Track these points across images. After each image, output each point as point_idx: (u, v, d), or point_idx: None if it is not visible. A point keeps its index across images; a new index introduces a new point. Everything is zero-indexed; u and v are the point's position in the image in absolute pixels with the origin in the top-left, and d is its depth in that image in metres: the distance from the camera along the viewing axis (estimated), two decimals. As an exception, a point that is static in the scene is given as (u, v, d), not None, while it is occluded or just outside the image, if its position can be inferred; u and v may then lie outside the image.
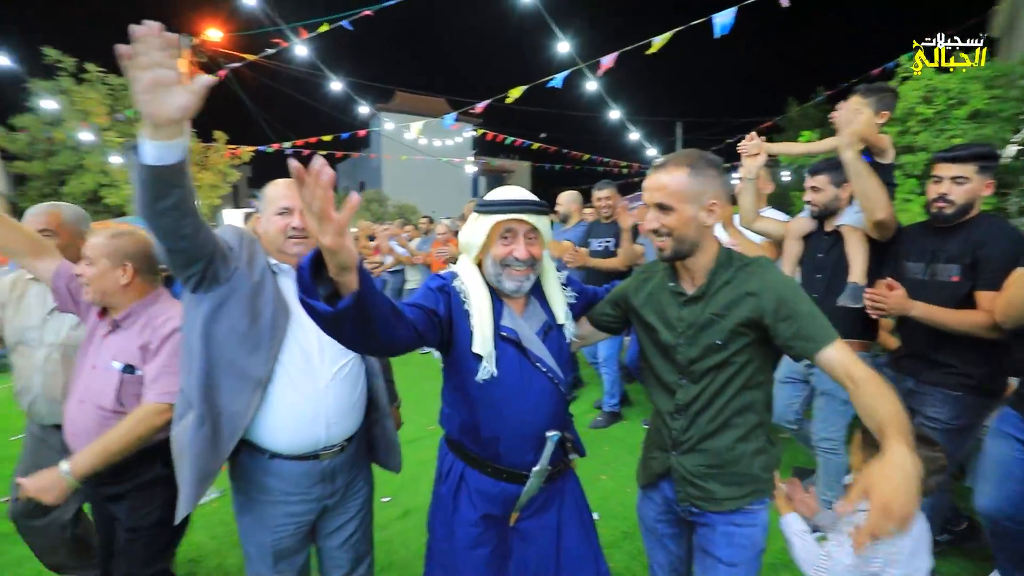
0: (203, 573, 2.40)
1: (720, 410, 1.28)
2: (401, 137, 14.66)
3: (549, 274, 1.45)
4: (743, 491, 1.29)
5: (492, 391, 1.30)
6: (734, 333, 1.23)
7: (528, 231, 1.31)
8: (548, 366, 1.35)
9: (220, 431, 1.37)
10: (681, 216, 1.23)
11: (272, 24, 7.99)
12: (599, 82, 7.51)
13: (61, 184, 13.99)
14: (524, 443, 1.33)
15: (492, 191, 1.36)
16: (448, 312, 1.30)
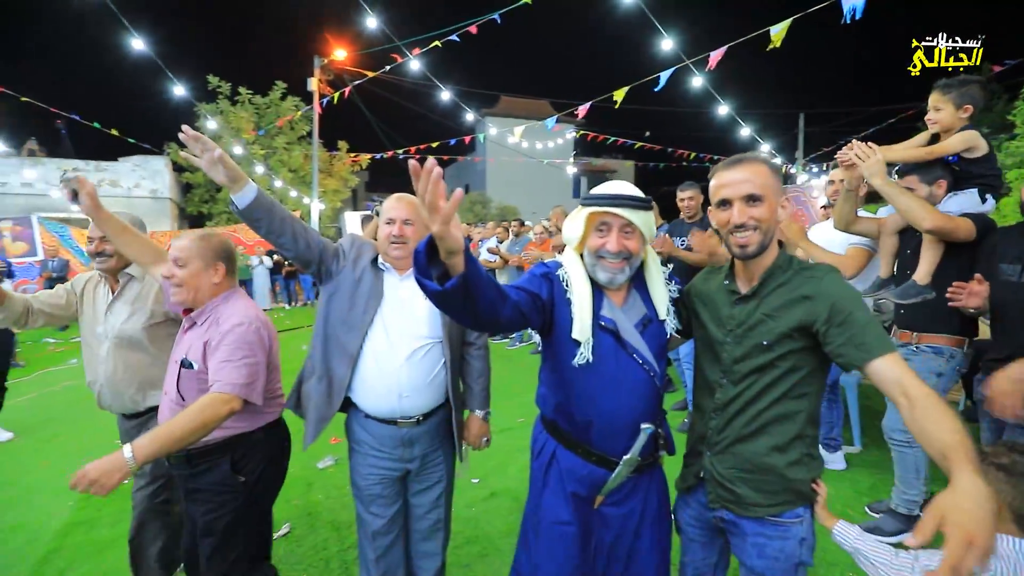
0: (319, 525, 2.75)
1: (757, 415, 1.25)
2: (504, 141, 15.09)
3: (653, 269, 1.46)
4: (775, 499, 1.25)
5: (588, 377, 1.34)
6: (783, 336, 1.21)
7: (623, 225, 1.33)
8: (644, 358, 1.37)
9: (332, 388, 1.74)
10: (771, 206, 1.23)
11: (388, 42, 8.67)
12: (704, 77, 7.17)
13: (217, 191, 16.28)
14: (616, 431, 1.36)
15: (600, 186, 1.40)
16: (551, 297, 1.36)
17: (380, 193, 31.80)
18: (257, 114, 16.16)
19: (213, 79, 15.60)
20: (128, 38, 7.95)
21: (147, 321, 2.00)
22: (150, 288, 2.05)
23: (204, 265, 1.69)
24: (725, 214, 1.26)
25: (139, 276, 2.04)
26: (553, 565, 1.41)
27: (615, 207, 1.31)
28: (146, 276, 2.04)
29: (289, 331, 9.09)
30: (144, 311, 2.01)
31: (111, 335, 1.99)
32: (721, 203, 1.27)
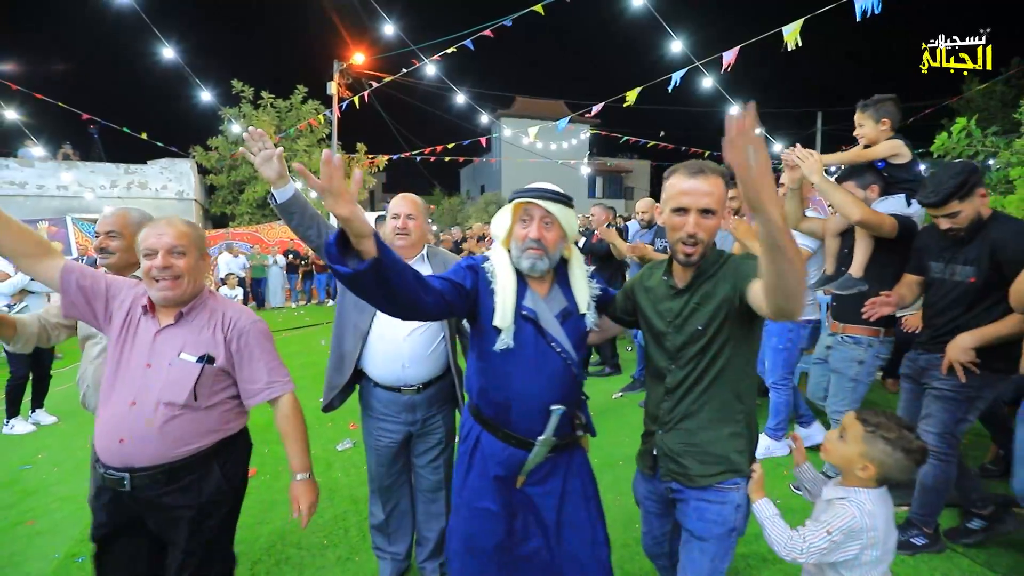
0: (339, 499, 2.99)
1: (701, 393, 1.37)
2: (519, 142, 15.26)
3: (575, 266, 1.58)
4: (715, 469, 1.36)
5: (508, 362, 1.45)
6: (712, 317, 1.33)
7: (543, 215, 1.44)
8: (563, 346, 1.47)
9: (343, 361, 2.03)
10: (719, 220, 1.34)
11: (405, 46, 8.91)
12: (714, 78, 7.25)
13: (240, 192, 16.75)
14: (532, 413, 1.46)
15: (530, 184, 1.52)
16: (475, 287, 1.47)
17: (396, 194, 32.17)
18: (279, 117, 16.59)
19: (237, 84, 16.08)
20: (156, 46, 8.33)
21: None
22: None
23: (200, 255, 1.58)
24: (680, 219, 1.32)
25: None
26: (477, 542, 1.53)
27: (537, 198, 1.43)
28: None
29: (308, 327, 9.41)
30: None
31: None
32: (678, 209, 1.32)
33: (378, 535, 2.20)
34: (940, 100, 13.71)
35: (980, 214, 2.10)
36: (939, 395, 2.19)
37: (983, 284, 2.09)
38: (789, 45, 5.35)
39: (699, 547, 1.38)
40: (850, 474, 1.33)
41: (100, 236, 1.89)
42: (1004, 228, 2.07)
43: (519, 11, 6.80)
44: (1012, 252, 1.99)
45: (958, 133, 5.14)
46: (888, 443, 1.27)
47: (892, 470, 1.28)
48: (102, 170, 15.01)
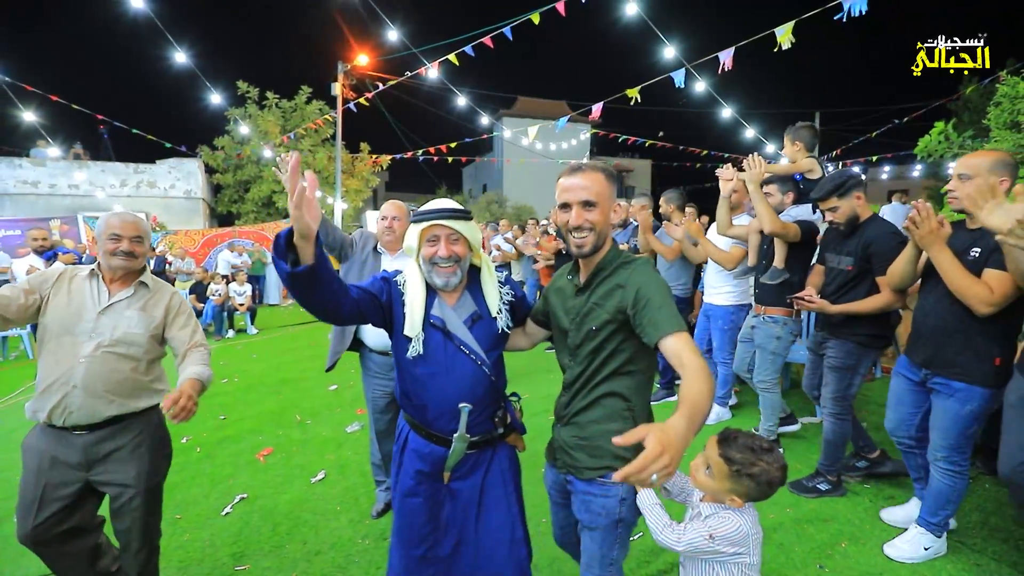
0: (350, 474, 3.28)
1: (592, 389, 1.44)
2: (520, 141, 15.49)
3: (486, 273, 1.67)
4: (601, 463, 1.42)
5: (420, 367, 1.54)
6: (606, 322, 1.38)
7: (449, 234, 1.52)
8: (472, 349, 1.55)
9: (343, 333, 2.60)
10: (604, 211, 1.39)
11: (409, 48, 9.16)
12: (709, 81, 7.49)
13: (246, 191, 17.03)
14: (446, 412, 1.55)
15: (426, 204, 1.59)
16: (388, 299, 1.56)
17: (399, 193, 32.49)
18: (283, 118, 16.86)
19: (242, 84, 16.35)
20: (165, 49, 8.60)
21: (152, 329, 1.94)
22: (160, 296, 2.01)
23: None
24: (565, 216, 1.41)
25: (152, 287, 2.00)
26: (405, 534, 1.62)
27: (441, 219, 1.51)
28: (157, 285, 2.03)
29: (313, 323, 9.69)
30: (152, 320, 1.95)
31: (106, 337, 1.83)
32: (562, 206, 1.42)
33: (377, 470, 2.77)
34: (935, 101, 13.91)
35: (857, 213, 2.62)
36: (831, 365, 2.73)
37: (857, 271, 2.60)
38: (783, 44, 5.54)
39: (589, 535, 1.47)
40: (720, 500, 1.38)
41: (125, 239, 1.89)
42: (875, 228, 2.59)
43: (517, 16, 7.04)
44: (877, 246, 2.52)
45: (936, 136, 5.40)
46: (752, 479, 1.30)
47: (758, 497, 1.33)
48: (112, 169, 15.33)
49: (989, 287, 1.95)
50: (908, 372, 2.34)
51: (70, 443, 1.81)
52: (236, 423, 4.24)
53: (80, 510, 1.87)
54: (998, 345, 2.04)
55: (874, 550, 2.35)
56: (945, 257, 2.01)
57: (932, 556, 2.26)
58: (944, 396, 2.15)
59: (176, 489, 3.10)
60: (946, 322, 2.12)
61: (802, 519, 2.60)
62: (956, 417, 2.12)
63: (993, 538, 2.40)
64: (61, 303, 1.84)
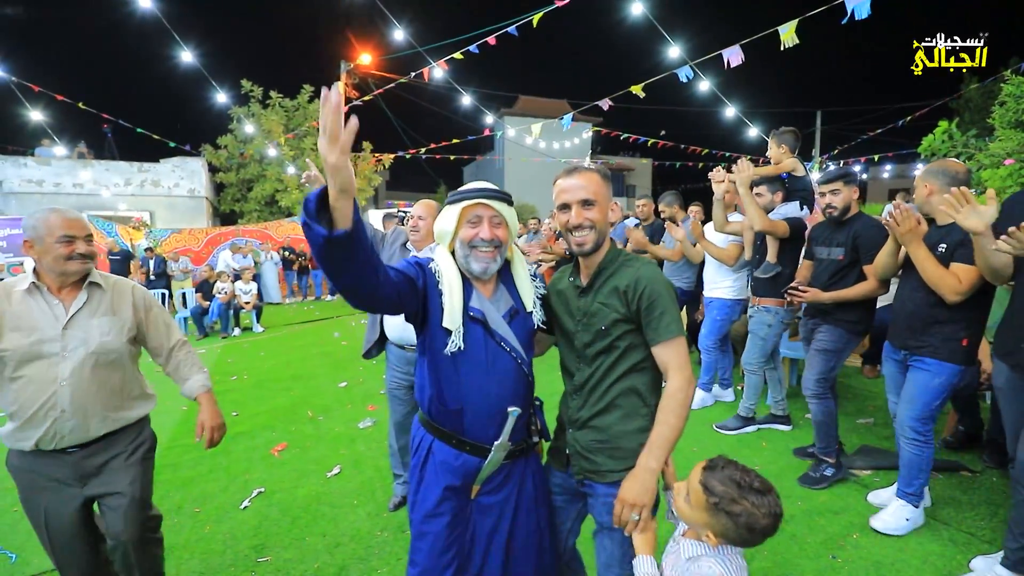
0: (364, 468, 3.32)
1: (607, 390, 1.42)
2: (523, 140, 15.51)
3: (518, 265, 1.57)
4: (625, 464, 1.38)
5: (459, 364, 1.41)
6: (615, 321, 1.39)
7: (492, 216, 1.42)
8: (512, 346, 1.44)
9: (374, 322, 2.74)
10: (602, 210, 1.41)
11: (411, 47, 9.19)
12: (712, 80, 7.51)
13: (249, 190, 17.08)
14: (487, 417, 1.42)
15: (465, 185, 1.48)
16: (424, 287, 1.42)
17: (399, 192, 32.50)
18: (287, 116, 16.90)
19: (246, 84, 16.38)
20: (169, 48, 8.63)
21: (127, 333, 1.79)
22: (122, 295, 1.83)
23: None
24: (565, 216, 1.42)
25: (105, 285, 1.80)
26: (426, 560, 1.43)
27: (486, 199, 1.41)
28: (113, 282, 1.84)
29: (320, 320, 9.73)
30: (123, 322, 1.79)
31: (81, 353, 1.68)
32: (561, 207, 1.43)
33: (394, 460, 2.82)
34: (936, 100, 13.94)
35: (851, 205, 2.88)
36: (820, 348, 2.93)
37: (848, 261, 2.84)
38: (786, 43, 5.54)
39: (609, 537, 1.43)
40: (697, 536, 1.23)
41: (77, 240, 1.72)
42: (863, 221, 2.86)
43: (519, 16, 7.07)
44: (865, 238, 2.78)
45: (940, 135, 5.44)
46: (730, 517, 1.12)
47: (738, 542, 1.15)
48: (117, 168, 15.36)
49: (958, 278, 2.20)
50: (893, 355, 2.62)
51: (61, 461, 1.71)
52: (249, 419, 4.29)
53: (90, 525, 1.81)
54: (965, 328, 2.30)
55: (886, 541, 2.39)
56: (921, 251, 2.28)
57: (912, 527, 2.45)
58: (917, 370, 2.42)
59: (194, 483, 3.15)
60: (920, 308, 2.38)
61: (813, 511, 2.65)
62: (925, 388, 2.37)
63: (1003, 530, 2.45)
64: (9, 327, 1.64)
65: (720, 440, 3.62)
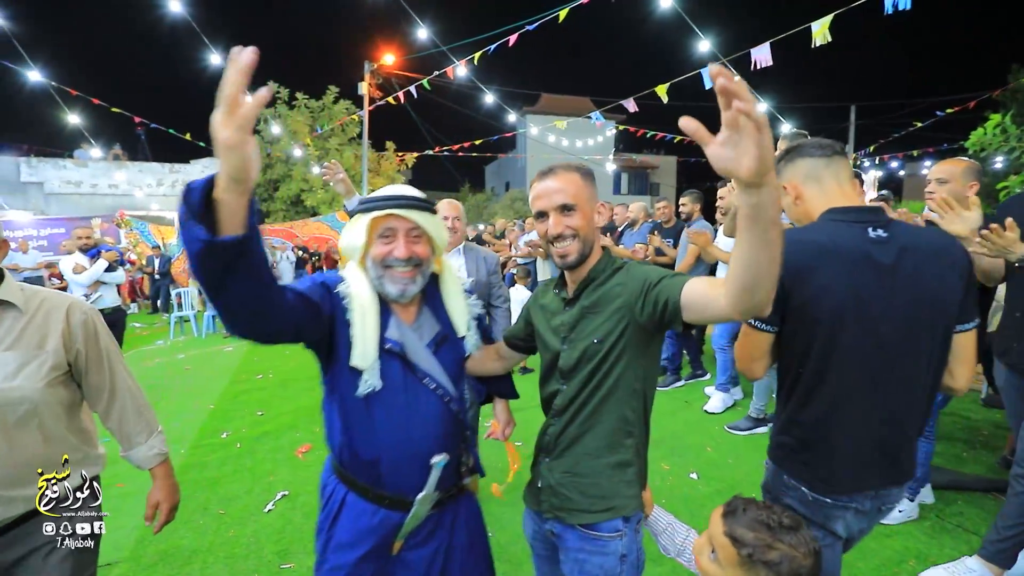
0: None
1: (592, 413, 1.22)
2: (545, 139, 15.40)
3: (449, 279, 1.37)
4: (598, 505, 1.20)
5: (373, 408, 1.20)
6: (609, 329, 1.18)
7: (410, 229, 1.22)
8: (438, 382, 1.25)
9: None
10: (585, 214, 1.21)
11: (433, 47, 9.17)
12: (739, 75, 7.28)
13: (275, 190, 17.38)
14: (407, 466, 1.22)
15: (380, 189, 1.27)
16: (331, 314, 1.19)
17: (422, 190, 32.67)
18: (312, 117, 17.14)
19: (273, 85, 16.67)
20: (199, 51, 8.78)
21: (49, 374, 1.24)
22: (50, 320, 1.27)
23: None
24: (543, 225, 1.23)
25: (24, 305, 1.25)
26: None
27: (400, 208, 1.19)
28: (40, 301, 1.28)
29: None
30: (43, 358, 1.24)
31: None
32: (538, 215, 1.24)
33: None
34: (982, 93, 13.30)
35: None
36: None
37: None
38: (818, 41, 5.37)
39: None
40: None
41: None
42: None
43: (544, 13, 6.97)
44: None
45: (992, 128, 5.13)
46: (770, 568, 0.95)
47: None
48: (149, 169, 15.81)
49: None
50: None
51: None
52: (274, 419, 4.30)
53: None
54: None
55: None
56: None
57: (905, 519, 2.53)
58: None
59: (219, 484, 3.15)
60: None
61: (861, 531, 2.48)
62: None
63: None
64: None
65: (733, 441, 3.65)
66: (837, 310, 1.17)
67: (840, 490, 1.23)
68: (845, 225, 1.22)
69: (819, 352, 1.21)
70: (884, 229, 1.21)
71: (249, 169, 0.77)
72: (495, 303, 2.76)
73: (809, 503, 1.26)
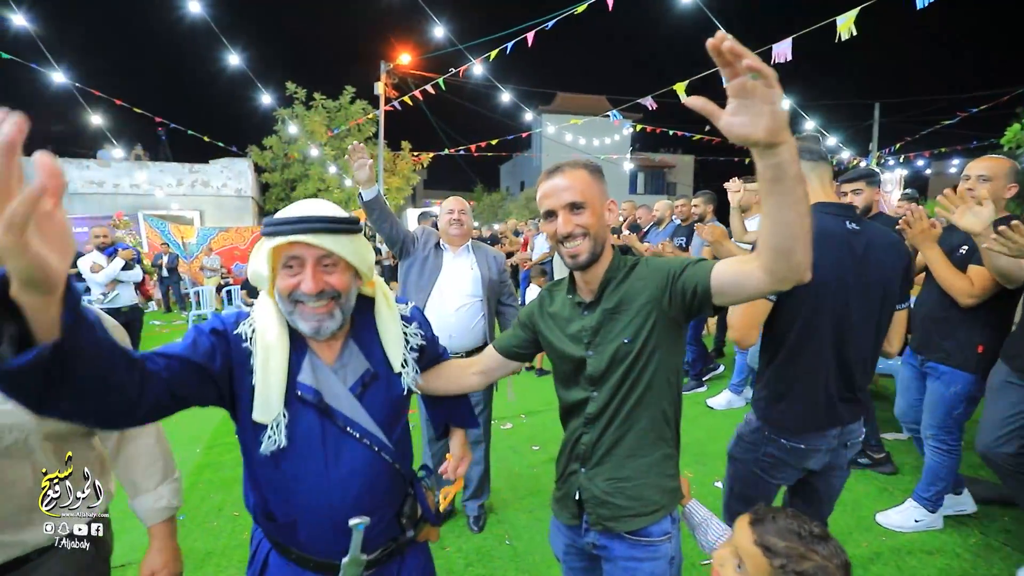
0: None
1: (629, 414, 1.19)
2: (561, 138, 15.29)
3: (381, 305, 1.18)
4: (649, 506, 1.19)
5: (283, 467, 1.03)
6: (639, 326, 1.15)
7: (320, 256, 1.01)
8: (364, 430, 1.07)
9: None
10: (595, 212, 1.17)
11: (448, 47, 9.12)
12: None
13: (292, 190, 17.51)
14: (331, 528, 1.05)
15: (286, 208, 1.07)
16: (227, 364, 1.01)
17: (437, 190, 32.78)
18: (328, 117, 17.24)
19: (291, 85, 16.80)
20: (218, 52, 8.84)
21: None
22: None
23: None
24: (551, 225, 1.19)
25: None
26: None
27: (303, 233, 0.97)
28: None
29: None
30: None
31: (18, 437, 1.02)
32: (547, 214, 1.20)
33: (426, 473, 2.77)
34: (1015, 88, 12.85)
35: (872, 206, 2.79)
36: None
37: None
38: (843, 35, 5.21)
39: None
40: None
41: None
42: (883, 221, 2.73)
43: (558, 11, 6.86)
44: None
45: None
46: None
47: None
48: (170, 170, 16.05)
49: (970, 280, 2.16)
50: (911, 360, 2.56)
51: None
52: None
53: None
54: (980, 334, 2.22)
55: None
56: (934, 254, 2.23)
57: (924, 529, 2.45)
58: (933, 379, 2.37)
59: (235, 484, 3.12)
60: (935, 312, 2.34)
61: (901, 550, 2.37)
62: (941, 398, 2.32)
63: None
64: None
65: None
66: (823, 284, 1.41)
67: (811, 430, 1.52)
68: (830, 217, 1.52)
69: (805, 318, 1.48)
70: (857, 223, 1.54)
71: (46, 271, 0.56)
72: (505, 301, 2.75)
73: (788, 451, 1.55)
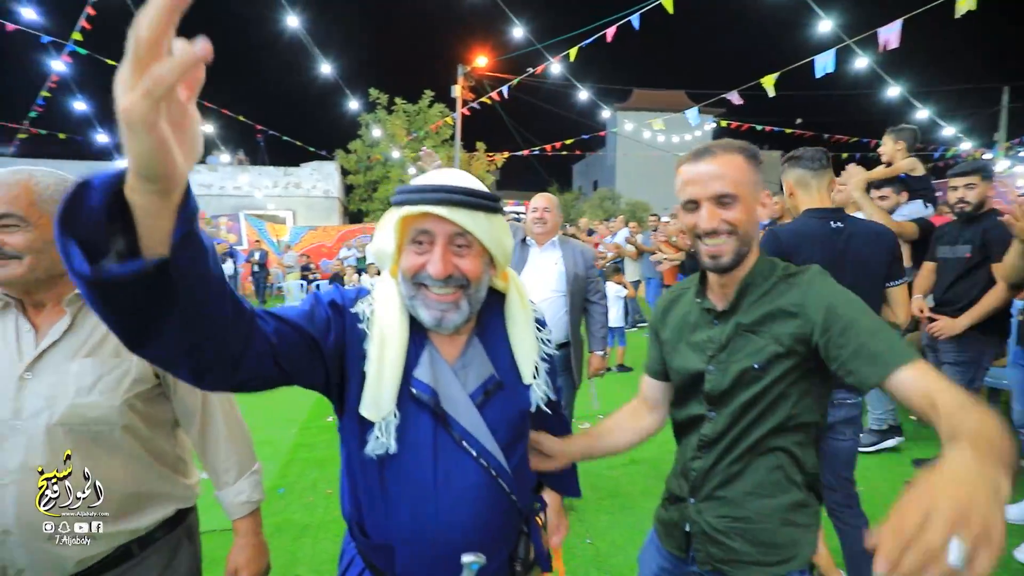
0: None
1: (750, 449, 1.03)
2: (639, 135, 14.92)
3: (515, 305, 1.00)
4: (772, 556, 1.03)
5: (387, 476, 0.89)
6: (775, 356, 0.98)
7: (453, 235, 0.86)
8: (481, 447, 0.90)
9: None
10: (747, 207, 1.00)
11: (525, 47, 9.17)
12: (872, 58, 6.49)
13: (374, 191, 18.42)
14: (432, 560, 0.89)
15: (422, 175, 0.95)
16: (340, 342, 0.87)
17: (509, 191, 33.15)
18: (408, 121, 17.97)
19: (374, 92, 17.68)
20: (310, 62, 9.43)
21: (129, 388, 1.01)
22: None
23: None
24: (692, 217, 1.03)
25: None
26: None
27: (438, 205, 0.83)
28: None
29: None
30: (124, 368, 1.01)
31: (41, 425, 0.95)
32: (688, 203, 1.04)
33: None
34: None
35: (985, 201, 2.72)
36: (950, 361, 2.75)
37: (976, 260, 2.71)
38: (962, 9, 4.67)
39: None
40: None
41: None
42: (994, 217, 2.73)
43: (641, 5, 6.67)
44: (994, 232, 2.64)
45: None
46: None
47: None
48: (267, 173, 17.51)
49: None
50: (1020, 360, 2.55)
51: None
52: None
53: None
54: None
55: None
56: None
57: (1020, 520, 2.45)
58: None
59: (328, 464, 3.34)
60: None
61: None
62: None
63: None
64: None
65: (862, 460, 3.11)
66: None
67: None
68: (816, 220, 1.84)
69: None
70: (841, 222, 1.83)
71: (165, 161, 0.46)
72: (592, 298, 2.71)
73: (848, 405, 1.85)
